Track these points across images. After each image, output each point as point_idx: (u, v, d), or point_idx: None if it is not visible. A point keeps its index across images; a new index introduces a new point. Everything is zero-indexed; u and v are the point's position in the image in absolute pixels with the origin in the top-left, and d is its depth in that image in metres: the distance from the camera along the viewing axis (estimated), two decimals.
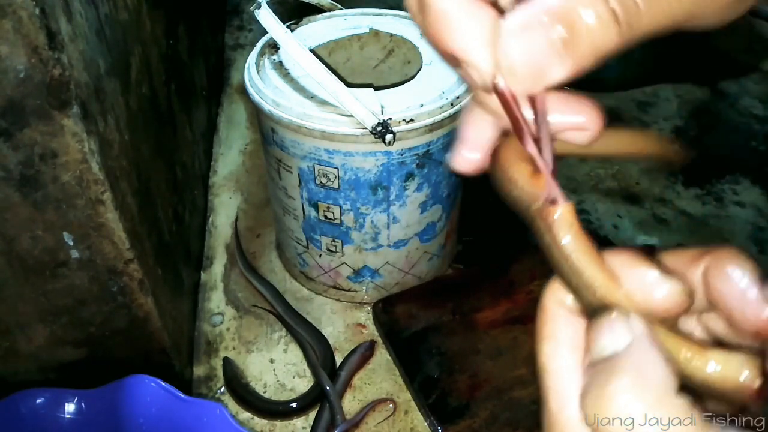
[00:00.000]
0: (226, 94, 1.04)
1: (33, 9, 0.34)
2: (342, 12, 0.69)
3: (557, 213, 0.23)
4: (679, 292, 0.22)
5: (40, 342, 0.51)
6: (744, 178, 0.88)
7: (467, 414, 0.56)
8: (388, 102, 0.54)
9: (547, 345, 0.23)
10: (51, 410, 0.51)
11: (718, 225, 0.81)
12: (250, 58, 0.61)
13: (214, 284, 0.73)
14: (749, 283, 0.22)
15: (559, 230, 0.23)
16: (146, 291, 0.50)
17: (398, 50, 0.67)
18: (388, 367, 0.64)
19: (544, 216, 0.23)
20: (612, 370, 0.20)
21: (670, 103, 1.03)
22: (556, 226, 0.23)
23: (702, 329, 0.25)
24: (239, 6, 1.27)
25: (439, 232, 0.66)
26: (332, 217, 0.61)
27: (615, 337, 0.21)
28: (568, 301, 0.23)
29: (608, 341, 0.21)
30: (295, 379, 0.63)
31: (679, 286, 0.22)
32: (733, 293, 0.22)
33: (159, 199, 0.58)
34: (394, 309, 0.66)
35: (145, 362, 0.55)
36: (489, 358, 0.61)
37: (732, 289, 0.22)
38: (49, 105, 0.37)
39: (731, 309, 0.22)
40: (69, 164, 0.40)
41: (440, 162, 0.58)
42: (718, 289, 0.23)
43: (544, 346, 0.23)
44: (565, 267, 0.23)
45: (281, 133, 0.57)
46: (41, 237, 0.44)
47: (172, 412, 0.51)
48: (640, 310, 0.22)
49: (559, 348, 0.23)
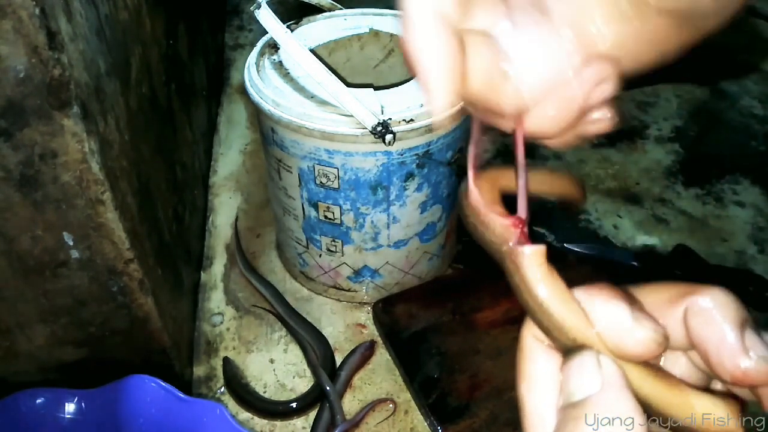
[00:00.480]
0: (226, 94, 1.04)
1: (33, 9, 0.34)
2: (342, 12, 0.69)
3: (527, 253, 0.23)
4: (652, 339, 0.21)
5: (40, 342, 0.51)
6: (744, 178, 0.88)
7: (467, 414, 0.56)
8: (388, 102, 0.54)
9: (525, 383, 0.23)
10: (51, 410, 0.51)
11: (718, 225, 0.81)
12: (250, 58, 0.61)
13: (214, 284, 0.73)
14: (728, 331, 0.21)
15: (528, 270, 0.23)
16: (146, 291, 0.50)
17: (398, 50, 0.67)
18: (388, 367, 0.64)
19: (514, 257, 0.23)
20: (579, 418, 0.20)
21: (670, 103, 1.03)
22: (524, 266, 0.23)
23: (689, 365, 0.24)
24: (239, 6, 1.27)
25: (439, 232, 0.66)
26: (332, 217, 0.61)
27: (585, 381, 0.21)
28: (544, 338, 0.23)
29: (578, 385, 0.21)
30: (295, 379, 0.63)
31: (651, 333, 0.21)
32: (712, 339, 0.22)
33: (159, 199, 0.58)
34: (394, 309, 0.66)
35: (145, 362, 0.55)
36: (489, 358, 0.61)
37: (710, 335, 0.22)
38: (49, 105, 0.37)
39: (709, 354, 0.22)
40: (69, 164, 0.40)
41: (440, 162, 0.58)
42: (696, 333, 0.22)
43: (521, 385, 0.23)
44: (534, 307, 0.23)
45: (281, 133, 0.57)
46: (41, 237, 0.44)
47: (172, 412, 0.51)
48: (614, 351, 0.22)
49: (536, 387, 0.23)
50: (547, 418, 0.22)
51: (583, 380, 0.21)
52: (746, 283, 0.70)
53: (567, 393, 0.21)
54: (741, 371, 0.21)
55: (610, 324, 0.22)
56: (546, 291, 0.23)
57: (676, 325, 0.23)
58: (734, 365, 0.21)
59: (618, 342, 0.22)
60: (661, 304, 0.23)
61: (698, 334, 0.22)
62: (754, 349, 0.21)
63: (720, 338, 0.21)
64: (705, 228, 0.80)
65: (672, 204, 0.84)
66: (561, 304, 0.22)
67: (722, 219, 0.82)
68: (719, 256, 0.76)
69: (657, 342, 0.21)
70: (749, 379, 0.21)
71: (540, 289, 0.23)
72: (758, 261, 0.76)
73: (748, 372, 0.21)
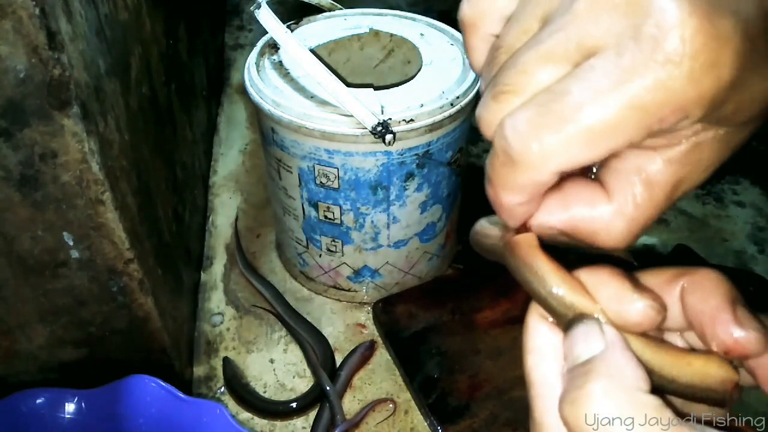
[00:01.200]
0: (226, 94, 1.04)
1: (33, 9, 0.34)
2: (342, 12, 0.69)
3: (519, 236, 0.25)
4: (652, 308, 0.23)
5: (40, 342, 0.51)
6: (744, 178, 0.88)
7: (467, 414, 0.56)
8: (388, 102, 0.54)
9: (531, 357, 0.24)
10: (51, 410, 0.51)
11: (718, 225, 0.81)
12: (250, 58, 0.61)
13: (214, 284, 0.73)
14: (722, 305, 0.23)
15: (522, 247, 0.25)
16: (146, 291, 0.50)
17: (398, 50, 0.67)
18: (388, 367, 0.64)
19: (511, 242, 0.25)
20: (586, 374, 0.21)
21: None
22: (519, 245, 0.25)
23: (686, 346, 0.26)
24: (239, 6, 1.27)
25: (439, 232, 0.66)
26: (332, 217, 0.61)
27: (589, 344, 0.22)
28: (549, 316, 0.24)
29: (582, 348, 0.22)
30: (295, 379, 0.63)
31: (651, 303, 0.23)
32: (706, 313, 0.23)
33: (159, 199, 0.58)
34: (394, 309, 0.66)
35: (145, 362, 0.55)
36: (489, 358, 0.61)
37: (705, 309, 0.23)
38: (49, 105, 0.37)
39: (704, 327, 0.23)
40: (69, 164, 0.40)
41: (440, 162, 0.58)
42: (692, 309, 0.23)
43: (527, 359, 0.24)
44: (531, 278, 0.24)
45: (281, 133, 0.57)
46: (41, 237, 0.44)
47: (172, 412, 0.51)
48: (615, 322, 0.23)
49: (541, 359, 0.24)
50: (554, 386, 0.23)
51: (587, 343, 0.22)
52: (746, 283, 0.70)
53: (572, 358, 0.22)
54: (733, 340, 0.22)
55: (611, 296, 0.23)
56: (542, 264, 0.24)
57: (673, 304, 0.24)
58: (728, 335, 0.22)
59: (619, 312, 0.23)
60: (658, 285, 0.24)
61: (694, 310, 0.23)
62: (746, 321, 0.22)
63: (714, 312, 0.23)
64: (705, 228, 0.80)
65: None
66: (559, 276, 0.24)
67: (722, 219, 0.82)
68: (719, 256, 0.76)
69: (656, 309, 0.23)
70: (742, 348, 0.22)
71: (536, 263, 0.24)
72: (758, 261, 0.76)
73: (741, 341, 0.22)
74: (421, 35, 0.64)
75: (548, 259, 0.24)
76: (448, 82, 0.57)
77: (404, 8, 1.11)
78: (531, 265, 0.24)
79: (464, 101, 0.55)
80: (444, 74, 0.58)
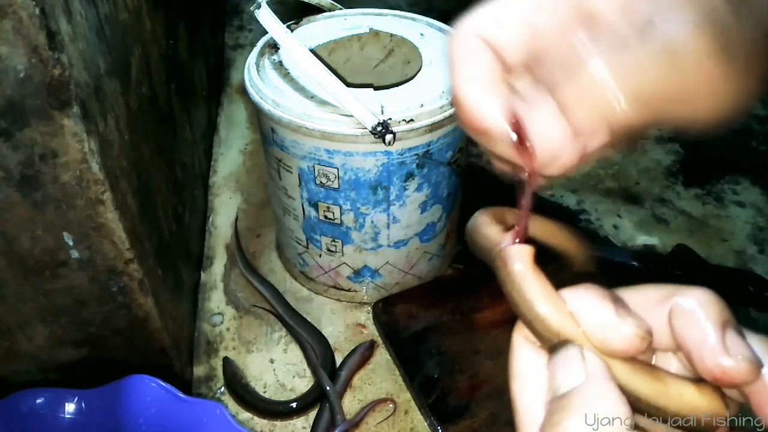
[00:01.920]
0: (226, 94, 1.04)
1: (33, 9, 0.34)
2: (342, 12, 0.69)
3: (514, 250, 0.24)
4: (636, 335, 0.22)
5: (40, 342, 0.51)
6: (744, 178, 0.88)
7: (467, 414, 0.56)
8: (388, 102, 0.54)
9: (515, 383, 0.24)
10: (51, 410, 0.51)
11: (718, 225, 0.81)
12: (250, 58, 0.61)
13: (214, 284, 0.73)
14: (709, 330, 0.22)
15: (514, 263, 0.24)
16: (146, 291, 0.50)
17: (398, 50, 0.67)
18: (388, 367, 0.64)
19: (503, 254, 0.25)
20: (563, 409, 0.20)
21: None
22: (511, 259, 0.24)
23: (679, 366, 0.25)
24: (239, 6, 1.27)
25: (439, 232, 0.66)
26: (332, 217, 0.61)
27: (570, 374, 0.22)
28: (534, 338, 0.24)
29: (563, 378, 0.22)
30: (295, 379, 0.63)
31: (635, 328, 0.22)
32: (694, 339, 0.22)
33: (159, 199, 0.58)
34: (394, 309, 0.66)
35: (145, 362, 0.55)
36: (489, 358, 0.61)
37: (693, 335, 0.22)
38: (49, 105, 0.37)
39: (691, 354, 0.22)
40: (69, 164, 0.40)
41: (440, 162, 0.58)
42: (680, 334, 0.22)
43: (512, 384, 0.24)
44: (520, 302, 0.24)
45: (281, 133, 0.57)
46: (41, 237, 0.44)
47: (172, 412, 0.51)
48: (600, 348, 0.22)
49: (526, 385, 0.24)
50: (537, 415, 0.22)
51: (568, 373, 0.22)
52: (746, 283, 0.70)
53: (553, 388, 0.22)
54: (720, 370, 0.21)
55: (595, 321, 0.22)
56: (531, 286, 0.23)
57: (663, 325, 0.23)
58: (714, 364, 0.21)
59: (603, 338, 0.22)
60: (647, 305, 0.23)
61: (681, 334, 0.22)
62: (735, 349, 0.21)
63: (701, 338, 0.22)
64: (705, 228, 0.80)
65: (672, 204, 0.84)
66: (546, 300, 0.23)
67: (722, 219, 0.82)
68: (719, 256, 0.76)
69: (640, 337, 0.22)
70: (729, 377, 0.21)
71: (525, 284, 0.24)
72: (758, 261, 0.76)
73: (728, 371, 0.21)
74: (421, 35, 0.64)
75: (537, 278, 0.24)
76: (448, 82, 0.56)
77: (404, 8, 1.11)
78: (520, 286, 0.24)
79: None
80: (444, 74, 0.58)
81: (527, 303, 0.23)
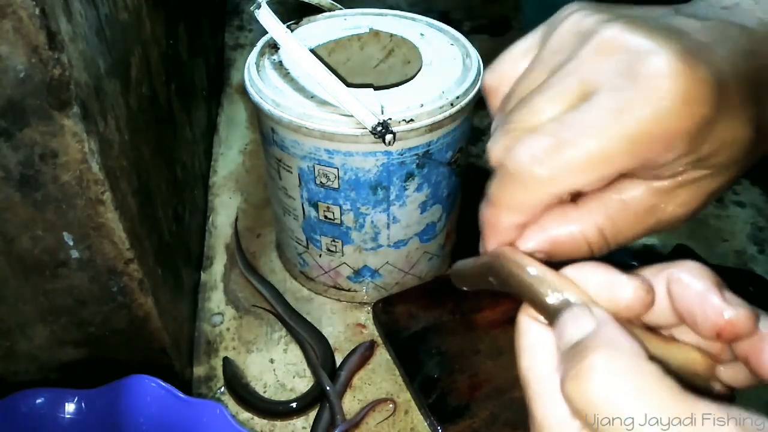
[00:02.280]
0: (226, 94, 1.04)
1: (33, 9, 0.34)
2: (342, 12, 0.69)
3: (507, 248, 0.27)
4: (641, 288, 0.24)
5: (40, 342, 0.51)
6: (744, 178, 0.88)
7: (467, 414, 0.56)
8: (388, 102, 0.54)
9: (525, 357, 0.24)
10: (51, 410, 0.51)
11: (718, 225, 0.81)
12: (250, 58, 0.61)
13: (214, 284, 0.73)
14: (709, 290, 0.23)
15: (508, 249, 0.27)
16: (146, 291, 0.50)
17: (398, 50, 0.67)
18: (388, 367, 0.64)
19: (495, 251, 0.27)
20: (583, 350, 0.21)
21: None
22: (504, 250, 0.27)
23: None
24: (239, 6, 1.27)
25: (439, 232, 0.66)
26: (332, 217, 0.61)
27: (580, 325, 0.22)
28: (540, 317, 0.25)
29: (574, 330, 0.22)
30: (295, 379, 0.63)
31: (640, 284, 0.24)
32: (694, 298, 0.23)
33: (159, 199, 0.58)
34: (394, 309, 0.66)
35: (145, 362, 0.55)
36: (489, 358, 0.61)
37: (693, 295, 0.23)
38: (49, 105, 0.37)
39: (694, 314, 0.23)
40: (69, 164, 0.40)
41: (440, 162, 0.59)
42: (680, 296, 0.24)
43: (522, 360, 0.24)
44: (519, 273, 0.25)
45: (281, 133, 0.57)
46: (41, 237, 0.44)
47: (172, 412, 0.51)
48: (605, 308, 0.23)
49: (535, 357, 0.24)
50: (551, 380, 0.23)
51: (578, 325, 0.22)
52: (746, 283, 0.70)
53: (564, 342, 0.22)
54: (725, 321, 0.22)
55: (600, 283, 0.24)
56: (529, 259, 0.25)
57: (660, 300, 0.24)
58: (719, 316, 0.22)
59: (609, 297, 0.24)
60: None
61: (682, 299, 0.24)
62: (735, 302, 0.23)
63: (702, 296, 0.23)
64: (705, 228, 0.80)
65: None
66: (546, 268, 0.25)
67: (722, 219, 0.82)
68: (719, 256, 0.76)
69: (645, 290, 0.23)
70: (734, 327, 0.22)
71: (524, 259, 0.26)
72: (758, 261, 0.76)
73: (732, 321, 0.22)
74: (421, 35, 0.64)
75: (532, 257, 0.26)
76: (448, 82, 0.57)
77: (404, 8, 1.11)
78: (518, 261, 0.25)
79: (464, 101, 0.55)
80: (444, 74, 0.58)
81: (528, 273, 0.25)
